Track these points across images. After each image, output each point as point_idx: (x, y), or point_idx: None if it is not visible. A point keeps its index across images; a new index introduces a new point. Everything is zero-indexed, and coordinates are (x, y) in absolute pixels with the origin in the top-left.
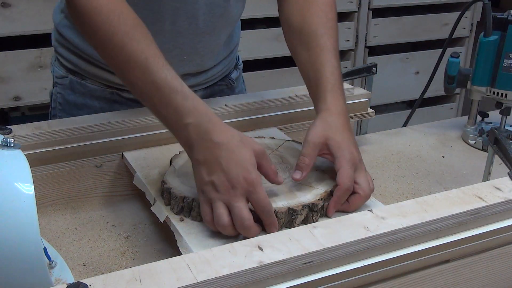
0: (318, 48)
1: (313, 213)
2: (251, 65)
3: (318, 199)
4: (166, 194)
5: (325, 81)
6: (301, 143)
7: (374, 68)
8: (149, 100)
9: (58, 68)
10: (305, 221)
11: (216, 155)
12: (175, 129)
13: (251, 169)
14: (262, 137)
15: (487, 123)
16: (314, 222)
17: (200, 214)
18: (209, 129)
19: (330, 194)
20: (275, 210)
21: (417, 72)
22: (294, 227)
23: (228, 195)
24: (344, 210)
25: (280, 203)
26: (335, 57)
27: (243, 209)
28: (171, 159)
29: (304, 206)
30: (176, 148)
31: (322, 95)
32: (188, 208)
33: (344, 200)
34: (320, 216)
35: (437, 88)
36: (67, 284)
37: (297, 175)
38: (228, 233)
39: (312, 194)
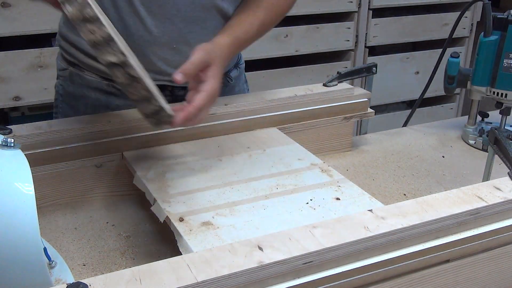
0: (251, 11)
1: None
2: (252, 65)
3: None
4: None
5: (234, 30)
6: None
7: (374, 68)
8: None
9: (61, 61)
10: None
11: None
12: None
13: None
14: None
15: (487, 123)
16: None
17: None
18: None
19: None
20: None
21: (417, 72)
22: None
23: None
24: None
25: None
26: (260, 25)
27: None
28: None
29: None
30: (177, 147)
31: (223, 32)
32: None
33: (192, 117)
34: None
35: (437, 88)
36: (67, 284)
37: (178, 76)
38: None
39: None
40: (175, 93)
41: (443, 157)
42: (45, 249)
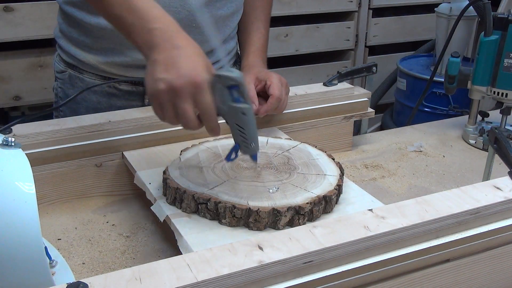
0: (252, 17)
1: (299, 216)
2: None
3: (307, 203)
4: (164, 184)
5: (250, 44)
6: (315, 146)
7: (374, 68)
8: (116, 9)
9: (58, 63)
10: (290, 223)
11: (175, 56)
12: (139, 33)
13: (202, 73)
14: (279, 137)
15: (487, 122)
16: (300, 225)
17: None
18: (174, 35)
19: (322, 199)
20: (258, 209)
21: None
22: (279, 228)
23: (174, 95)
24: (274, 113)
25: (267, 202)
26: (264, 28)
27: (187, 110)
28: (181, 151)
29: (289, 208)
30: (177, 147)
31: (246, 55)
32: (180, 200)
33: (275, 107)
34: (307, 220)
35: None
36: (67, 283)
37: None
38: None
39: (303, 197)
40: None
41: (444, 156)
42: (45, 249)
